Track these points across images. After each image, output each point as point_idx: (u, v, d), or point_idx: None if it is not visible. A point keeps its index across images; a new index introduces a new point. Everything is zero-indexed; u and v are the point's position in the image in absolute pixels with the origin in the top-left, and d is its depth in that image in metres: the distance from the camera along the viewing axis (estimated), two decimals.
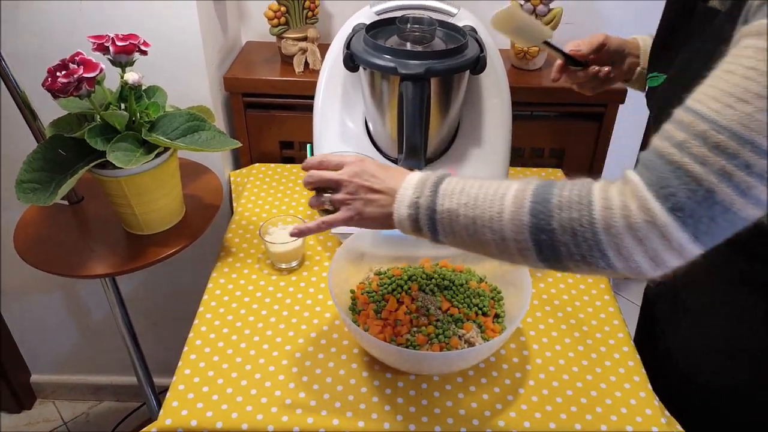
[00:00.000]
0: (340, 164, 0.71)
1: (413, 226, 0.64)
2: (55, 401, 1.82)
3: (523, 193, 0.58)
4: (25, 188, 0.85)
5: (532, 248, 0.57)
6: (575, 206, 0.55)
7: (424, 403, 0.80)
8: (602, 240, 0.53)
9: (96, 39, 0.85)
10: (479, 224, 0.59)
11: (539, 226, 0.56)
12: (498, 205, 0.59)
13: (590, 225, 0.54)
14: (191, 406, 0.80)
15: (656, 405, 0.80)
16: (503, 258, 0.61)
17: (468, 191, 0.61)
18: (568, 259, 0.56)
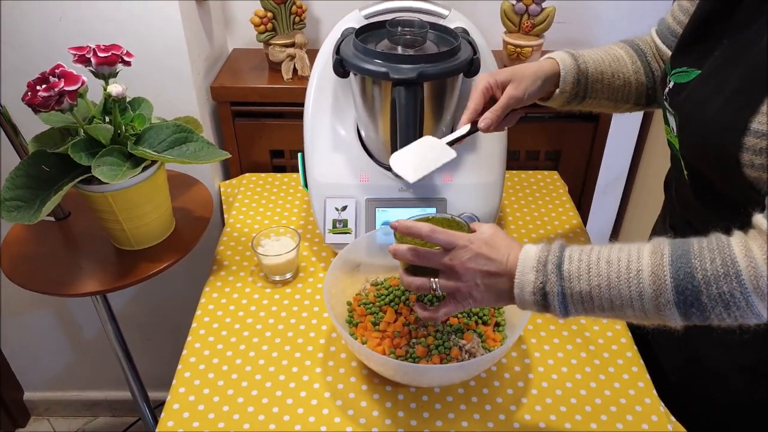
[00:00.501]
0: (450, 244, 0.65)
1: (540, 309, 0.63)
2: (49, 418, 1.80)
3: (660, 270, 0.57)
4: (9, 206, 0.83)
5: (679, 319, 0.57)
6: (723, 279, 0.55)
7: (426, 416, 0.79)
8: (755, 303, 0.54)
9: (77, 50, 0.83)
10: (617, 304, 0.59)
11: (687, 302, 0.56)
12: (636, 286, 0.58)
13: (743, 295, 0.54)
14: (187, 425, 0.78)
15: (662, 411, 0.79)
16: (635, 320, 0.61)
17: (597, 270, 0.60)
18: (717, 321, 0.57)
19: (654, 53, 0.85)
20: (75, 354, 1.63)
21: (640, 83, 0.84)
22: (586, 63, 0.81)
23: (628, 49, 0.85)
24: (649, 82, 0.85)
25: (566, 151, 1.33)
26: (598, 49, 0.85)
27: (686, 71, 0.69)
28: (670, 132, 0.73)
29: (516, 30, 1.27)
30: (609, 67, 0.83)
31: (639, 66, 0.84)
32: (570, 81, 0.81)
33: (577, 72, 0.81)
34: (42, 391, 1.74)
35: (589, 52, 0.84)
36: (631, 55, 0.85)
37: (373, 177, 0.99)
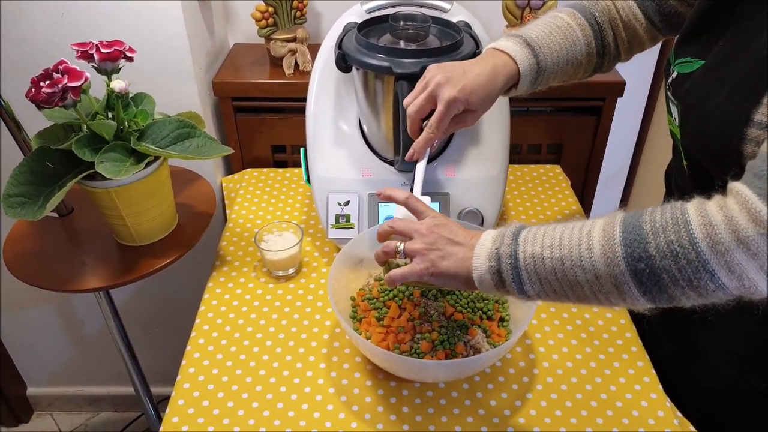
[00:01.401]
0: (425, 213, 0.68)
1: (495, 279, 0.61)
2: (52, 413, 1.80)
3: (610, 226, 0.55)
4: (13, 203, 0.83)
5: (630, 281, 0.54)
6: (671, 228, 0.52)
7: (431, 412, 0.79)
8: (708, 259, 0.50)
9: (80, 47, 0.82)
10: (568, 265, 0.56)
11: (635, 255, 0.53)
12: (586, 242, 0.56)
13: (692, 244, 0.51)
14: (192, 421, 0.78)
15: (668, 406, 0.79)
16: (600, 300, 0.57)
17: (550, 234, 0.59)
18: (673, 287, 0.52)
19: (614, 19, 0.81)
20: (77, 349, 1.63)
21: (590, 63, 0.82)
22: (546, 61, 0.77)
23: (584, 26, 0.80)
24: (598, 59, 0.83)
25: (568, 145, 1.33)
26: (555, 32, 0.78)
27: (690, 61, 0.69)
28: (672, 122, 0.73)
29: (518, 24, 1.26)
30: (565, 57, 0.79)
31: (593, 47, 0.81)
32: (527, 84, 0.77)
33: (537, 73, 0.77)
34: (45, 386, 1.74)
35: (548, 41, 0.77)
36: (587, 34, 0.80)
37: (375, 172, 0.99)
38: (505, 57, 0.75)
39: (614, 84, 1.23)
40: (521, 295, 0.61)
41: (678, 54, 0.71)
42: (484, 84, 0.73)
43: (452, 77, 0.72)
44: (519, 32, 0.78)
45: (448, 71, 0.73)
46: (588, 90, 1.24)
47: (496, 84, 0.74)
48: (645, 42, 0.84)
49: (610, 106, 1.26)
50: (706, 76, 0.65)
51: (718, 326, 0.77)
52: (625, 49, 0.84)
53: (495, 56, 0.76)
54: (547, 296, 0.60)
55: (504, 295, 0.63)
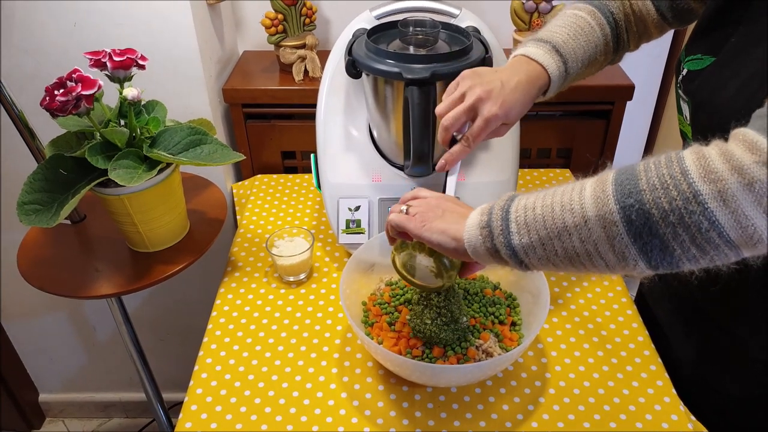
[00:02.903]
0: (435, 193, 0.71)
1: (484, 233, 0.59)
2: (64, 420, 1.81)
3: (605, 173, 0.54)
4: (27, 210, 0.83)
5: (619, 221, 0.50)
6: (663, 164, 0.49)
7: (443, 416, 0.79)
8: (700, 190, 0.46)
9: (93, 55, 0.83)
10: (557, 211, 0.54)
11: (625, 191, 0.50)
12: (578, 188, 0.54)
13: (683, 174, 0.48)
14: (205, 426, 0.78)
15: (682, 410, 0.78)
16: (590, 255, 0.53)
17: (546, 189, 0.58)
18: (665, 226, 0.48)
19: (628, 14, 0.81)
20: (89, 356, 1.64)
21: (606, 60, 0.83)
22: (572, 66, 0.77)
23: (603, 24, 0.80)
24: (613, 55, 0.83)
25: (578, 149, 1.33)
26: (580, 34, 0.78)
27: (700, 58, 0.69)
28: (683, 121, 0.73)
29: (526, 28, 1.26)
30: (588, 59, 0.79)
31: (610, 46, 0.81)
32: (554, 90, 0.78)
33: (564, 79, 0.77)
34: (56, 392, 1.75)
35: (573, 45, 0.77)
36: (606, 33, 0.80)
37: (385, 177, 0.99)
38: (537, 67, 0.75)
39: (623, 87, 1.23)
40: (508, 249, 0.58)
41: (689, 51, 0.71)
42: (521, 97, 0.73)
43: (493, 91, 0.71)
44: (546, 37, 0.77)
45: (487, 83, 0.72)
46: (597, 94, 1.24)
47: (531, 95, 0.74)
48: (653, 35, 0.84)
49: (620, 110, 1.26)
50: (717, 72, 0.65)
51: (737, 331, 0.77)
52: (634, 41, 0.84)
53: (528, 66, 0.75)
54: (535, 252, 0.57)
55: (492, 256, 0.60)
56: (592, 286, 0.98)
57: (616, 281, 0.99)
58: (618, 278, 1.00)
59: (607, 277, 0.99)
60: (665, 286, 0.91)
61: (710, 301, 0.80)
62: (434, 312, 0.78)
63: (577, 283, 0.99)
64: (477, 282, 0.90)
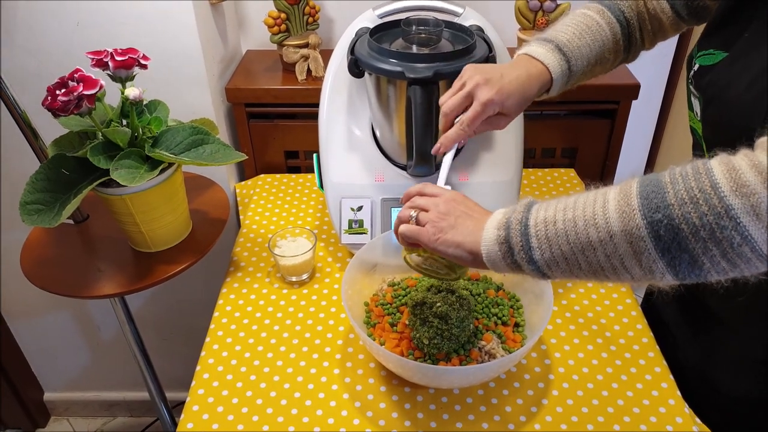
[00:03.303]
0: (442, 194, 0.68)
1: (504, 249, 0.58)
2: (69, 418, 1.82)
3: (628, 184, 0.52)
4: (30, 210, 0.83)
5: (646, 236, 0.48)
6: (691, 176, 0.48)
7: (445, 418, 0.78)
8: (732, 204, 0.45)
9: (95, 55, 0.83)
10: (581, 225, 0.52)
11: (652, 206, 0.48)
12: (601, 201, 0.52)
13: (714, 188, 0.46)
14: (207, 426, 0.78)
15: (687, 413, 0.78)
16: (614, 268, 0.52)
17: (565, 200, 0.56)
18: (694, 241, 0.47)
19: (641, 13, 0.81)
20: (93, 355, 1.65)
21: (617, 59, 0.82)
22: (577, 64, 0.77)
23: (613, 23, 0.79)
24: (624, 54, 0.82)
25: (582, 148, 1.32)
26: (585, 33, 0.78)
27: (712, 53, 0.68)
28: (693, 118, 0.72)
29: (530, 27, 1.25)
30: (594, 57, 0.79)
31: (620, 44, 0.80)
32: (558, 88, 0.77)
33: (568, 77, 0.77)
34: (61, 391, 1.76)
35: (578, 44, 0.77)
36: (615, 32, 0.79)
37: (388, 177, 0.99)
38: (538, 64, 0.75)
39: (629, 87, 1.22)
40: (530, 265, 0.57)
41: (701, 47, 0.70)
42: (519, 89, 0.73)
43: (491, 79, 0.72)
44: (550, 36, 0.78)
45: (486, 73, 0.73)
46: (602, 93, 1.23)
47: (530, 90, 0.74)
48: (668, 32, 0.83)
49: (625, 109, 1.25)
50: (729, 67, 0.64)
51: (740, 332, 0.76)
52: (649, 40, 0.84)
53: (529, 63, 0.75)
54: (558, 266, 0.55)
55: (513, 269, 0.59)
56: (596, 287, 0.97)
57: None
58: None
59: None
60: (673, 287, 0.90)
61: (717, 302, 0.79)
62: (432, 331, 0.77)
63: (581, 284, 0.98)
64: (480, 283, 0.90)
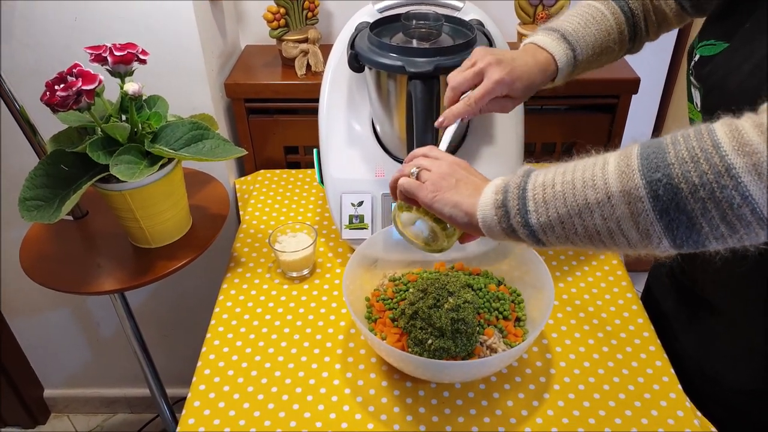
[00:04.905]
0: (445, 155, 0.68)
1: (500, 213, 0.57)
2: (69, 415, 1.82)
3: (628, 147, 0.51)
4: (29, 206, 0.83)
5: (645, 197, 0.47)
6: (693, 137, 0.47)
7: (447, 412, 0.78)
8: (733, 163, 0.44)
9: (93, 50, 0.83)
10: (579, 187, 0.52)
11: (652, 165, 0.47)
12: (601, 162, 0.52)
13: (715, 147, 0.45)
14: (208, 422, 0.78)
15: (688, 406, 0.78)
16: (611, 233, 0.51)
17: (564, 165, 0.55)
18: (693, 202, 0.46)
19: (646, 4, 0.81)
20: (93, 351, 1.65)
21: (621, 49, 0.83)
22: (582, 53, 0.78)
23: (618, 14, 0.80)
24: (630, 45, 0.83)
25: (582, 143, 1.32)
26: (591, 23, 0.79)
27: (714, 44, 0.68)
28: (693, 109, 0.72)
29: (531, 21, 1.25)
30: (600, 47, 0.79)
31: (625, 35, 0.81)
32: (563, 77, 0.78)
33: (573, 66, 0.78)
34: (61, 388, 1.75)
35: (584, 33, 0.78)
36: (620, 22, 0.80)
37: (388, 172, 0.98)
38: (545, 53, 0.76)
39: (628, 81, 1.21)
40: (525, 229, 0.56)
41: (702, 37, 0.70)
42: (528, 74, 0.74)
43: (503, 60, 0.73)
44: (556, 26, 0.79)
45: (498, 54, 0.74)
46: (602, 87, 1.23)
47: (537, 77, 0.75)
48: (673, 24, 0.84)
49: (625, 103, 1.24)
50: (730, 57, 0.64)
51: (738, 323, 0.77)
52: (654, 31, 0.84)
53: (536, 52, 0.77)
54: (553, 231, 0.55)
55: (508, 235, 0.58)
56: (597, 281, 0.97)
57: (621, 276, 0.98)
58: (623, 273, 0.99)
59: (613, 272, 0.99)
60: (670, 277, 0.90)
61: (716, 293, 0.79)
62: (426, 352, 0.76)
63: (582, 278, 0.98)
64: (481, 278, 0.90)
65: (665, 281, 0.92)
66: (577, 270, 1.00)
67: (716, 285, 0.79)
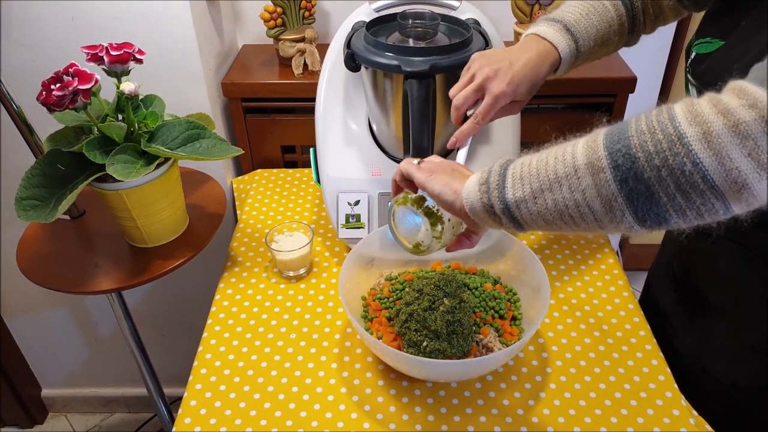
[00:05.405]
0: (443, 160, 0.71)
1: (481, 190, 0.59)
2: (67, 415, 1.82)
3: (599, 130, 0.54)
4: (25, 205, 0.83)
5: (607, 167, 0.50)
6: (653, 113, 0.50)
7: (443, 412, 0.78)
8: (685, 132, 0.47)
9: (90, 49, 0.83)
10: (551, 162, 0.55)
11: (614, 138, 0.50)
12: (573, 141, 0.55)
13: (671, 119, 0.48)
14: (204, 421, 0.78)
15: (684, 405, 0.78)
16: (578, 208, 0.53)
17: (545, 148, 0.58)
18: (649, 170, 0.48)
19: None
20: (91, 351, 1.65)
21: (620, 41, 0.83)
22: (584, 44, 0.78)
23: (618, 5, 0.80)
24: (628, 36, 0.83)
25: None
26: (592, 14, 0.79)
27: (710, 42, 0.69)
28: None
29: (527, 20, 1.25)
30: (601, 38, 0.80)
31: (625, 26, 0.81)
32: (566, 68, 0.79)
33: (576, 57, 0.78)
34: (59, 388, 1.75)
35: (585, 24, 0.79)
36: (621, 14, 0.80)
37: (385, 171, 0.99)
38: (547, 44, 0.76)
39: (625, 80, 1.22)
40: (501, 203, 0.58)
41: (699, 35, 0.71)
42: (530, 74, 0.75)
43: (500, 69, 0.73)
44: (558, 17, 0.79)
45: (495, 62, 0.74)
46: (599, 86, 1.23)
47: (541, 72, 0.76)
48: (669, 17, 0.84)
49: (622, 102, 1.25)
50: (725, 55, 0.65)
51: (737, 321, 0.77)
52: (650, 23, 0.84)
53: (538, 43, 0.77)
54: (527, 205, 0.57)
55: (489, 214, 0.60)
56: (593, 281, 0.97)
57: (617, 276, 0.98)
58: (620, 272, 0.99)
59: (609, 272, 0.99)
60: (670, 276, 0.90)
61: (716, 292, 0.79)
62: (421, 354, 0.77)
63: (578, 277, 0.98)
64: (477, 277, 0.90)
65: (665, 280, 0.92)
66: (573, 269, 1.00)
67: (717, 283, 0.79)
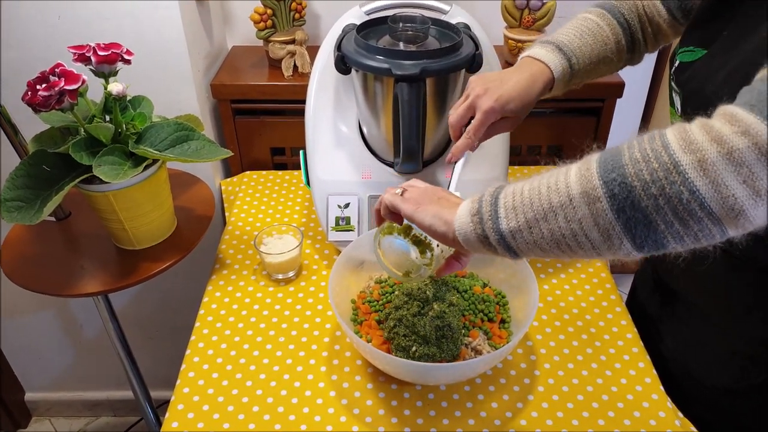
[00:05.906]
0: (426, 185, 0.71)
1: (475, 220, 0.59)
2: (50, 419, 1.80)
3: (590, 156, 0.54)
4: (10, 207, 0.82)
5: (603, 196, 0.50)
6: (646, 140, 0.50)
7: (432, 414, 0.78)
8: (681, 161, 0.47)
9: (77, 49, 0.82)
10: (544, 192, 0.54)
11: (608, 167, 0.50)
12: (564, 169, 0.55)
13: (665, 147, 0.48)
14: (192, 425, 0.77)
15: (669, 407, 0.78)
16: (575, 234, 0.53)
17: (535, 175, 0.58)
18: (646, 199, 0.48)
19: (641, 15, 0.83)
20: (76, 354, 1.63)
21: (620, 59, 0.85)
22: (578, 63, 0.80)
23: (614, 25, 0.82)
24: (628, 55, 0.85)
25: (568, 146, 1.33)
26: (586, 34, 0.81)
27: (693, 51, 0.70)
28: (674, 113, 0.74)
29: (517, 25, 1.26)
30: (597, 56, 0.81)
31: (622, 45, 0.83)
32: (560, 88, 0.80)
33: (570, 75, 0.80)
34: (43, 391, 1.73)
35: (579, 44, 0.80)
36: (617, 33, 0.82)
37: (375, 174, 0.99)
38: (540, 65, 0.79)
39: (613, 85, 1.23)
40: (496, 234, 0.58)
41: (682, 43, 0.72)
42: (521, 92, 0.77)
43: (490, 88, 0.76)
44: (551, 39, 0.81)
45: (487, 83, 0.77)
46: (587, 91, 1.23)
47: (533, 91, 0.77)
48: (669, 35, 0.85)
49: (610, 107, 1.26)
50: (708, 64, 0.66)
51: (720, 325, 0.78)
52: (651, 42, 0.86)
53: (531, 65, 0.79)
54: (522, 236, 0.56)
55: (483, 244, 0.59)
56: (581, 284, 0.98)
57: (605, 279, 0.99)
58: (607, 275, 1.00)
59: (597, 275, 1.00)
60: (655, 279, 0.91)
61: (699, 296, 0.80)
62: (411, 358, 0.77)
63: (566, 280, 0.99)
64: (466, 279, 0.90)
65: (650, 283, 0.93)
66: (561, 272, 1.00)
67: (700, 288, 0.80)
